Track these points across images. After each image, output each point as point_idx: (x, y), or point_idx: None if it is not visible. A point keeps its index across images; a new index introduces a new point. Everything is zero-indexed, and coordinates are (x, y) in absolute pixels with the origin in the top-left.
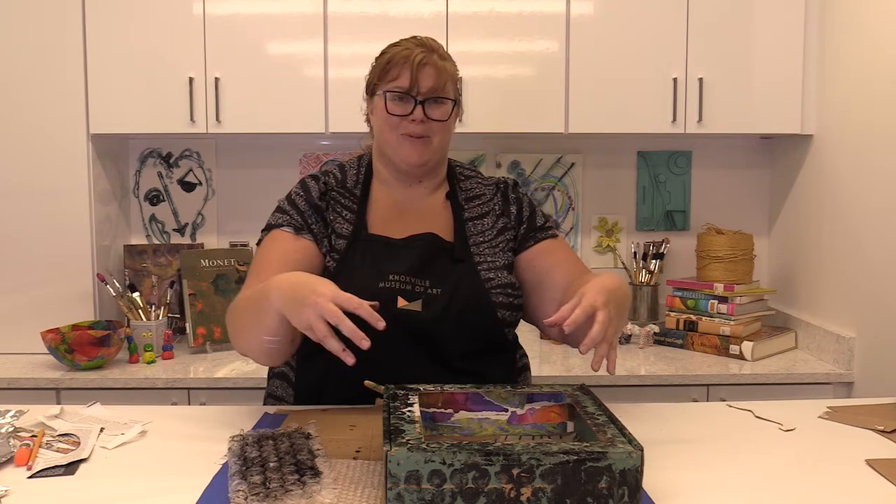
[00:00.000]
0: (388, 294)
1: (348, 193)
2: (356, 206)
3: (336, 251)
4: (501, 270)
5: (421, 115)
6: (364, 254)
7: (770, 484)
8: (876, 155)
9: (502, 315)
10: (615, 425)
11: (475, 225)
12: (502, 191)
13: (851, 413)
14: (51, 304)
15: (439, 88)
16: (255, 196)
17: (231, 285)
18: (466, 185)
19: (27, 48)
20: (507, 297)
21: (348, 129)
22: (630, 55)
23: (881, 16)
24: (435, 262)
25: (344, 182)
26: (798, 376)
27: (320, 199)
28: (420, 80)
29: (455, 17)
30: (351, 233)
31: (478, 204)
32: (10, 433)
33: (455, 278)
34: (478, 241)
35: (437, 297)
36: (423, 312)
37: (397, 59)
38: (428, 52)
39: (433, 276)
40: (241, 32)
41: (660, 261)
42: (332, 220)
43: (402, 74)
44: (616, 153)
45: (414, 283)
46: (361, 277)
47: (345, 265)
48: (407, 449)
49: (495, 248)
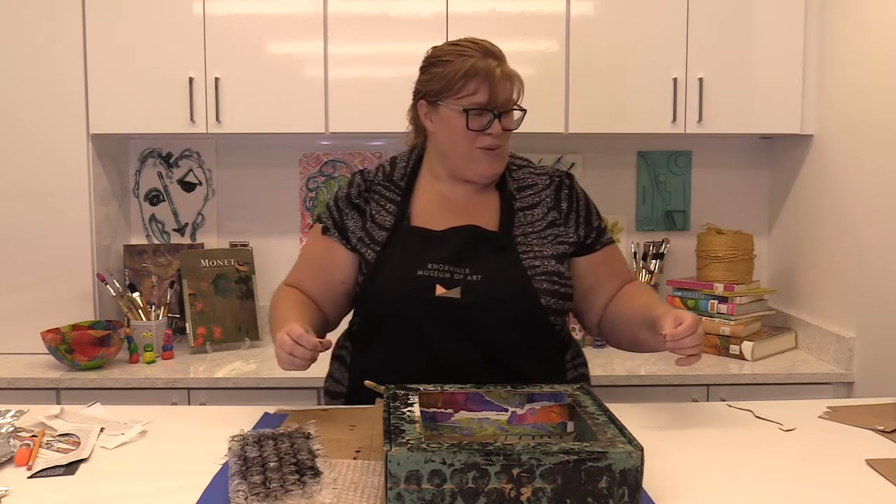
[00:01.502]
0: (427, 282)
1: (394, 186)
2: (399, 199)
3: (376, 242)
4: (548, 259)
5: (499, 129)
6: (404, 244)
7: (770, 484)
8: (876, 155)
9: (546, 302)
10: (615, 425)
11: (525, 215)
12: (556, 184)
13: (851, 413)
14: (51, 304)
15: (514, 100)
16: (255, 196)
17: (231, 285)
18: (518, 175)
19: (27, 48)
20: (553, 284)
21: (348, 129)
22: (630, 55)
23: (881, 16)
24: (475, 250)
25: (391, 175)
26: (798, 376)
27: (358, 197)
28: (499, 94)
29: (455, 17)
30: (392, 224)
31: (529, 194)
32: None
33: (496, 265)
34: (526, 232)
35: (476, 283)
36: (462, 298)
37: (473, 72)
38: (500, 61)
39: (473, 263)
40: (241, 32)
41: (660, 261)
42: (374, 214)
43: (479, 89)
44: (616, 153)
45: (453, 271)
46: (400, 267)
47: (384, 256)
48: (407, 449)
49: (544, 239)
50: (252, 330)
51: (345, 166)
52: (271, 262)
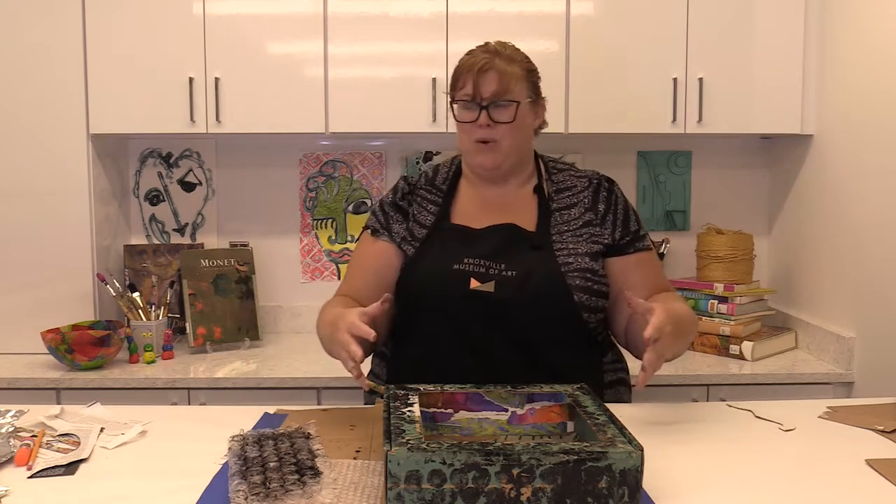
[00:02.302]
0: (462, 276)
1: (435, 189)
2: (441, 200)
3: (416, 239)
4: (583, 256)
5: (486, 119)
6: (442, 241)
7: (770, 484)
8: (876, 155)
9: (579, 298)
10: (615, 425)
11: (561, 215)
12: (594, 186)
13: (851, 413)
14: (51, 304)
15: (501, 92)
16: (255, 196)
17: (231, 285)
18: (558, 178)
19: (27, 48)
20: (586, 280)
21: (348, 129)
22: (630, 55)
23: (881, 16)
24: (512, 248)
25: (433, 179)
26: (798, 376)
27: (402, 199)
28: (482, 87)
29: (455, 17)
30: (433, 223)
31: (567, 195)
32: (10, 433)
33: (531, 262)
34: (561, 230)
35: (511, 278)
36: (495, 293)
37: (463, 69)
38: (492, 56)
39: (509, 260)
40: (241, 32)
41: (660, 261)
42: (416, 214)
43: (466, 83)
44: (616, 153)
45: (488, 266)
46: (437, 260)
47: (422, 251)
48: (407, 449)
49: (579, 237)
50: (252, 330)
51: (345, 166)
52: (271, 262)
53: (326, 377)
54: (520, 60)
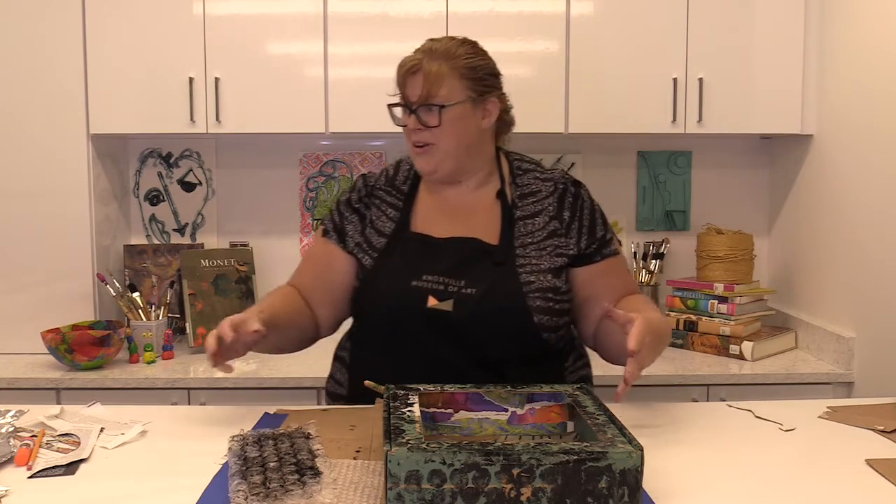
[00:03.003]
0: (420, 293)
1: (395, 191)
2: (401, 204)
3: (375, 249)
4: (545, 274)
5: (414, 123)
6: (402, 253)
7: (770, 484)
8: (876, 155)
9: (539, 320)
10: (615, 425)
11: (525, 224)
12: (560, 191)
13: (851, 413)
14: (51, 304)
15: (426, 95)
16: (255, 196)
17: (231, 285)
18: (522, 181)
19: (27, 48)
20: (547, 301)
21: (348, 129)
22: (630, 55)
23: (881, 16)
24: (475, 263)
25: (394, 179)
26: (798, 376)
27: (359, 202)
28: (409, 89)
29: (455, 17)
30: (392, 231)
31: (532, 202)
32: (10, 433)
33: (492, 279)
34: (525, 243)
35: (470, 296)
36: (453, 312)
37: (398, 71)
38: (422, 57)
39: (470, 276)
40: (241, 32)
41: (660, 261)
42: (374, 220)
43: (400, 85)
44: (616, 153)
45: (447, 283)
46: (395, 276)
47: (381, 264)
48: (407, 449)
49: (542, 250)
50: None
51: (345, 166)
52: (271, 262)
53: (327, 377)
54: (455, 58)
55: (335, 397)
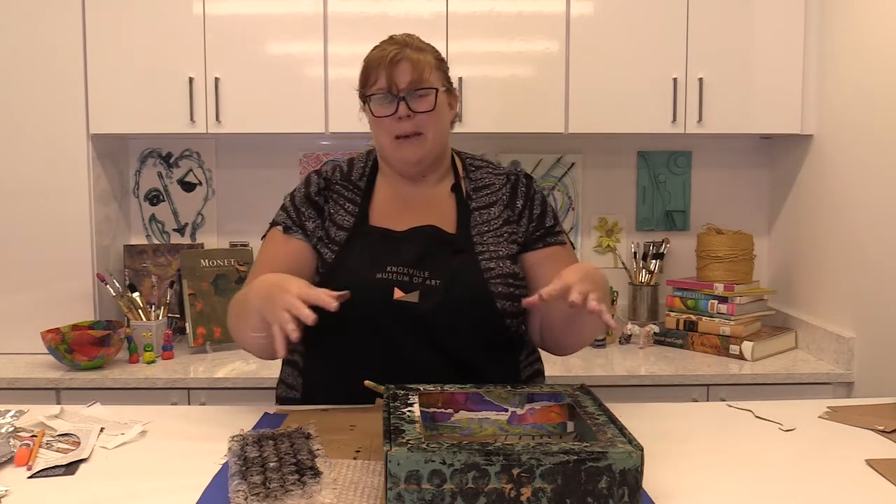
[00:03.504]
0: (385, 285)
1: (352, 186)
2: (359, 199)
3: (335, 243)
4: (504, 260)
5: (406, 110)
6: (363, 246)
7: (770, 484)
8: (876, 155)
9: (502, 306)
10: (615, 425)
11: (481, 214)
12: (512, 182)
13: (851, 413)
14: (51, 304)
15: (418, 80)
16: (255, 196)
17: (231, 285)
18: (476, 176)
19: (27, 48)
20: (508, 286)
21: (348, 129)
22: (630, 55)
23: (881, 16)
24: (435, 253)
25: (349, 175)
26: (798, 376)
27: (318, 195)
28: (396, 77)
29: (455, 17)
30: (352, 225)
31: (486, 194)
32: (10, 433)
33: (454, 269)
34: (482, 231)
35: (435, 288)
36: (420, 304)
37: (373, 63)
38: (400, 47)
39: (432, 267)
40: (241, 32)
41: (660, 261)
42: (332, 213)
43: (379, 76)
44: (616, 153)
45: (412, 275)
46: (358, 269)
47: (343, 257)
48: (407, 449)
49: (499, 237)
50: None
51: None
52: None
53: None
54: (430, 49)
55: (287, 402)
